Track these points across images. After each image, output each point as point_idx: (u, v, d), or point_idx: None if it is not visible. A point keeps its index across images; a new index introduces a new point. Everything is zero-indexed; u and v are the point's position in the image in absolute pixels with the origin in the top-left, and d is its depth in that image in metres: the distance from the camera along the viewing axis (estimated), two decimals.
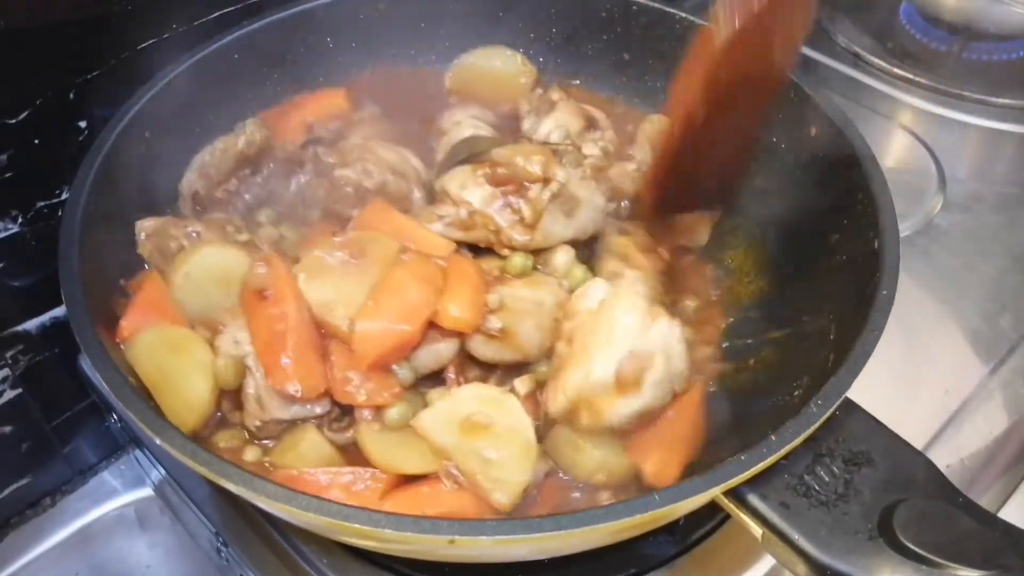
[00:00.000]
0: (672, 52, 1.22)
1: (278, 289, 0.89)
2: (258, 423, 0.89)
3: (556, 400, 0.88)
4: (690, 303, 1.07)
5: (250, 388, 0.88)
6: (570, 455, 0.88)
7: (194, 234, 0.99)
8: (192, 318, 0.94)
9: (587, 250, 1.05)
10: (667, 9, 1.21)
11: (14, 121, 0.98)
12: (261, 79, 1.19)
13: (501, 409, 0.86)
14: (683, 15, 1.19)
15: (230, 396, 0.91)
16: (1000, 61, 1.67)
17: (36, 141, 1.01)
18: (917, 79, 1.59)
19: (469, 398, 0.87)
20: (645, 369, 0.86)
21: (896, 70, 1.61)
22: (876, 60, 1.64)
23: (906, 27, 1.74)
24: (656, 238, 1.09)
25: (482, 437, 0.84)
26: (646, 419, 0.88)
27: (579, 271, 0.99)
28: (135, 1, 1.05)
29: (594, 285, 0.93)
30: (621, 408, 0.86)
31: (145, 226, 0.99)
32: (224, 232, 1.01)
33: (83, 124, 1.05)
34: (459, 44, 1.29)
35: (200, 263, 0.95)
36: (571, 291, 0.97)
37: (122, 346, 0.89)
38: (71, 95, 1.03)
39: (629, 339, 0.86)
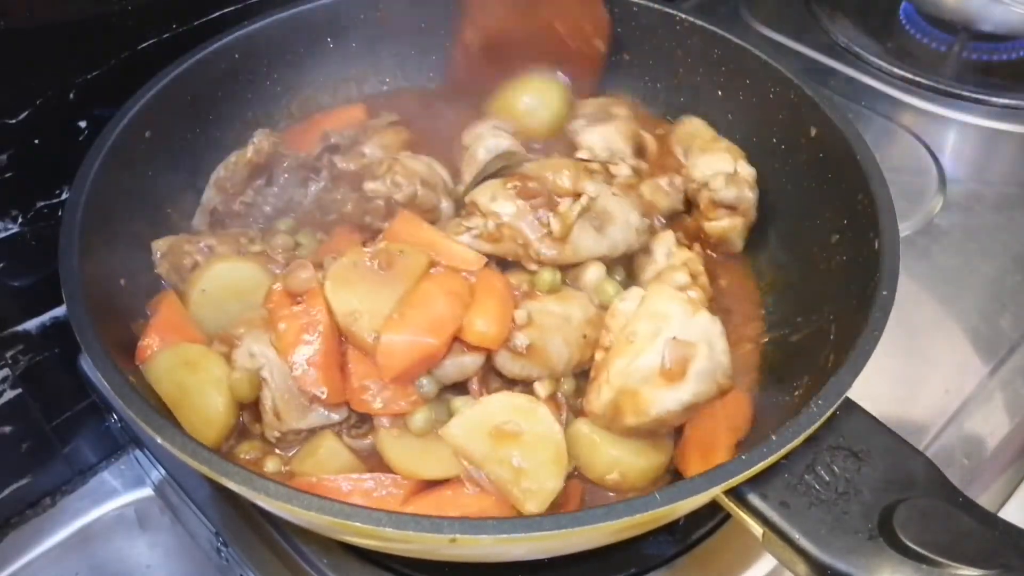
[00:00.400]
0: (672, 52, 1.22)
1: (313, 294, 0.89)
2: (277, 434, 0.89)
3: (600, 395, 0.87)
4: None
5: (267, 400, 0.88)
6: (586, 453, 0.88)
7: (206, 248, 1.00)
8: (210, 334, 0.95)
9: (621, 268, 1.03)
10: (667, 9, 1.21)
11: (14, 121, 0.98)
12: (261, 78, 1.19)
13: (531, 418, 0.85)
14: (683, 15, 1.19)
15: (250, 408, 0.91)
16: (1000, 61, 1.67)
17: (36, 141, 1.01)
18: (917, 79, 1.59)
19: (498, 406, 0.86)
20: (690, 358, 0.84)
21: (896, 70, 1.61)
22: (876, 60, 1.64)
23: (906, 27, 1.74)
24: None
25: (513, 446, 0.83)
26: (691, 414, 0.87)
27: (610, 287, 0.97)
28: (135, 1, 1.05)
29: (634, 290, 0.93)
30: (667, 399, 0.84)
31: (160, 245, 1.01)
32: (238, 243, 1.01)
33: (83, 124, 1.05)
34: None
35: (214, 278, 0.97)
36: (601, 307, 0.96)
37: (141, 367, 0.90)
38: (71, 95, 1.03)
39: (673, 326, 0.85)
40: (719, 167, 1.08)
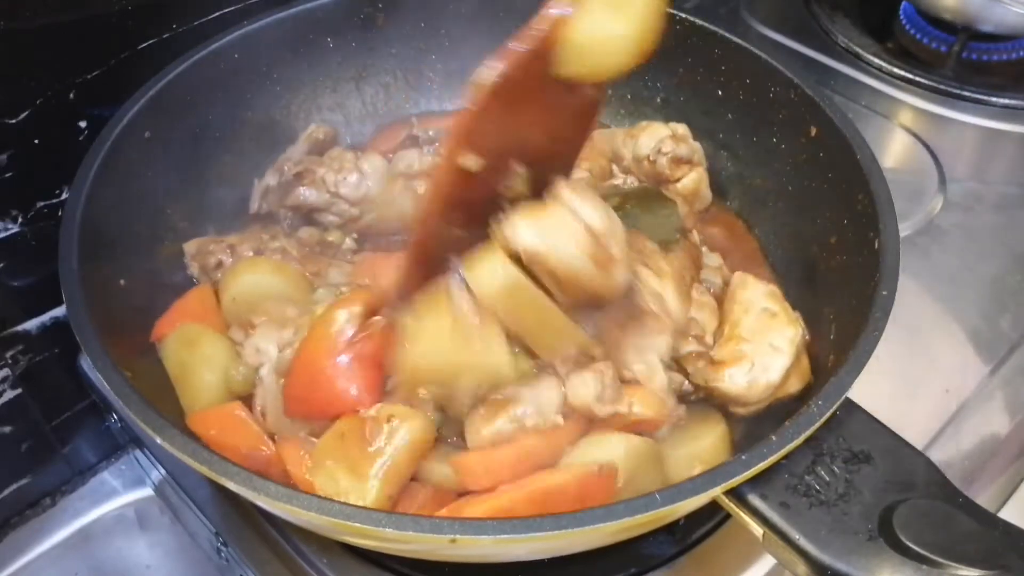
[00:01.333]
0: (672, 52, 1.22)
1: None
2: None
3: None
4: None
5: (258, 399, 0.89)
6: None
7: (228, 248, 1.03)
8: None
9: None
10: (667, 9, 1.20)
11: (14, 121, 0.98)
12: (261, 78, 1.19)
13: (650, 459, 0.86)
14: (683, 15, 1.19)
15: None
16: (1000, 61, 1.67)
17: (36, 141, 1.01)
18: (917, 79, 1.59)
19: (621, 454, 0.83)
20: None
21: (896, 70, 1.61)
22: (876, 60, 1.64)
23: (906, 27, 1.74)
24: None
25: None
26: None
27: None
28: (135, 1, 1.05)
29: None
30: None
31: (189, 248, 1.04)
32: (259, 241, 1.04)
33: (83, 124, 1.05)
34: (459, 45, 1.29)
35: (241, 288, 0.99)
36: None
37: (157, 345, 0.94)
38: (71, 95, 1.03)
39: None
40: (658, 134, 1.12)
